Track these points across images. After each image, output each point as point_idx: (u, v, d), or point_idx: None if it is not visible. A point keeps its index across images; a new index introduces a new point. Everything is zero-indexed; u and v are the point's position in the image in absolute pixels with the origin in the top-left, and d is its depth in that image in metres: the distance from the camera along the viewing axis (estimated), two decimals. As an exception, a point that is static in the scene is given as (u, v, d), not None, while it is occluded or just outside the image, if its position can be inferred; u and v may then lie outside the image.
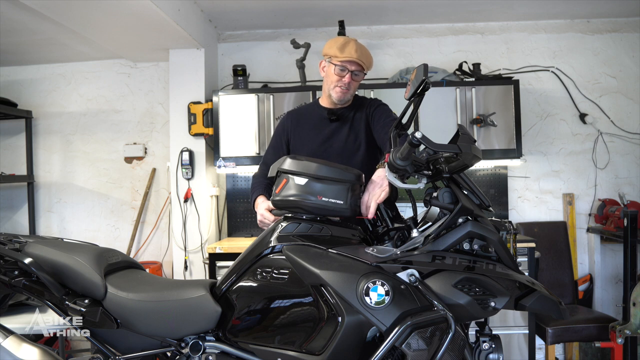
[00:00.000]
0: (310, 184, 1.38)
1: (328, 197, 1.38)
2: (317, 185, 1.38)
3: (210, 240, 3.56)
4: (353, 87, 1.99)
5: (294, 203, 1.40)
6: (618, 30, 3.69)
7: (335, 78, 1.96)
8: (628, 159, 3.67)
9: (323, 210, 1.39)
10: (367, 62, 1.96)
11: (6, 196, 4.03)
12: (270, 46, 3.84)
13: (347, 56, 1.91)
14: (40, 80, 4.04)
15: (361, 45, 1.96)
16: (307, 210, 1.41)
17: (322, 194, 1.38)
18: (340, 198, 1.38)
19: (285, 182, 1.41)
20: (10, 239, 1.58)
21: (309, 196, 1.38)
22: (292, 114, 2.16)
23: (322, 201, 1.38)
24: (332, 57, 1.95)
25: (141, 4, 2.66)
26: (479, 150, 1.33)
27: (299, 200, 1.38)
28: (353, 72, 1.94)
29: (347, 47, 1.92)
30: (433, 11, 3.51)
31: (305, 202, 1.38)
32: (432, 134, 1.31)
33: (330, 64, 1.97)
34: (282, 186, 1.42)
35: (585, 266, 3.66)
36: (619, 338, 2.65)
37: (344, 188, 1.39)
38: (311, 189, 1.38)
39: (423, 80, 1.31)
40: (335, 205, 1.38)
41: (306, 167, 1.40)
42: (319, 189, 1.38)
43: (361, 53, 1.92)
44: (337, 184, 1.39)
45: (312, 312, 1.33)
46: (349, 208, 1.40)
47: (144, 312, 1.45)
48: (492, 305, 1.25)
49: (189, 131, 3.51)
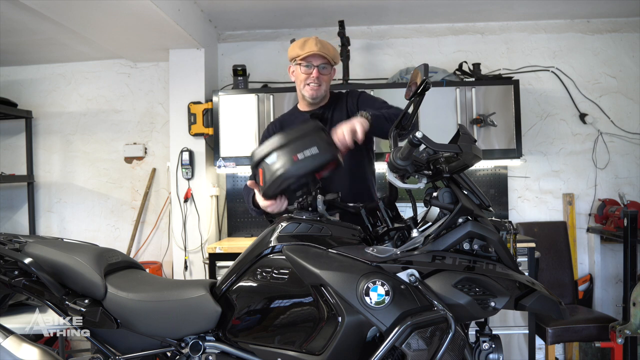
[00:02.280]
0: (280, 155, 1.40)
1: (301, 152, 1.39)
2: (285, 151, 1.40)
3: (210, 240, 3.56)
4: (324, 81, 1.99)
5: (280, 180, 1.40)
6: (618, 30, 3.69)
7: (304, 77, 1.97)
8: (628, 159, 3.67)
9: (306, 166, 1.40)
10: (331, 54, 1.96)
11: (6, 196, 4.03)
12: (270, 46, 3.84)
13: (308, 51, 1.92)
14: (40, 80, 4.04)
15: (322, 40, 1.97)
16: (295, 177, 1.41)
17: (294, 154, 1.39)
18: (311, 147, 1.40)
19: (262, 171, 1.43)
20: (10, 239, 1.58)
21: (286, 165, 1.39)
22: (275, 123, 2.17)
23: (299, 160, 1.38)
24: (296, 57, 1.97)
25: (141, 4, 2.66)
26: (479, 150, 1.33)
27: (281, 174, 1.39)
28: (319, 66, 1.95)
29: (307, 43, 1.94)
30: (433, 11, 3.51)
31: (288, 172, 1.39)
32: (432, 134, 1.31)
33: (296, 65, 1.99)
34: (262, 176, 1.44)
35: (585, 266, 3.66)
36: (619, 338, 2.65)
37: (308, 138, 1.41)
38: (283, 158, 1.40)
39: (423, 80, 1.31)
40: (313, 156, 1.39)
41: (268, 146, 1.42)
42: (289, 152, 1.39)
43: (322, 46, 1.94)
44: (301, 139, 1.41)
45: (312, 312, 1.33)
46: (326, 150, 1.41)
47: (144, 312, 1.45)
48: (492, 305, 1.25)
49: (189, 131, 3.51)
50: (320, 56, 1.93)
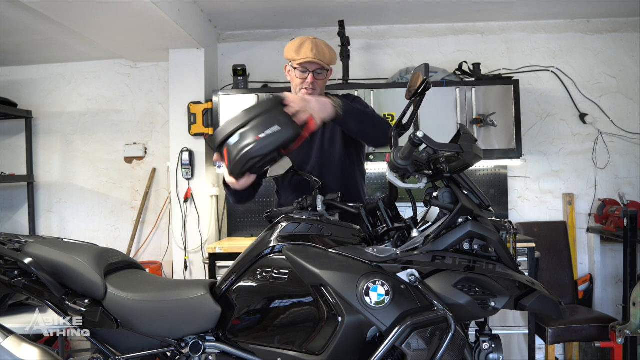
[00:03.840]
0: (242, 134, 1.41)
1: (263, 132, 1.40)
2: (247, 130, 1.41)
3: (210, 240, 3.56)
4: (319, 86, 1.97)
5: (244, 159, 1.42)
6: (618, 30, 3.69)
7: (299, 81, 1.96)
8: (628, 159, 3.67)
9: (269, 144, 1.41)
10: (327, 59, 1.93)
11: (6, 196, 4.03)
12: (270, 46, 3.84)
13: (303, 57, 1.90)
14: (40, 80, 4.04)
15: (318, 43, 1.93)
16: (259, 156, 1.42)
17: (256, 134, 1.40)
18: (272, 125, 1.40)
19: (226, 150, 1.44)
20: (10, 239, 1.57)
21: (249, 145, 1.40)
22: None
23: (262, 138, 1.39)
24: (291, 60, 1.95)
25: (141, 4, 2.66)
26: (480, 149, 1.33)
27: (244, 153, 1.41)
28: (314, 71, 1.93)
29: (302, 48, 1.91)
30: (433, 11, 3.51)
31: (251, 150, 1.40)
32: (432, 134, 1.31)
33: (291, 67, 1.97)
34: (226, 156, 1.45)
35: (585, 266, 3.66)
36: (619, 338, 2.65)
37: (269, 115, 1.42)
38: (246, 137, 1.40)
39: (424, 80, 1.31)
40: (276, 134, 1.40)
41: (228, 126, 1.43)
42: (251, 132, 1.40)
43: (317, 52, 1.90)
44: (262, 116, 1.42)
45: (312, 312, 1.33)
46: (290, 129, 1.42)
47: (144, 312, 1.45)
48: (492, 305, 1.25)
49: (189, 131, 3.51)
50: (315, 62, 1.91)
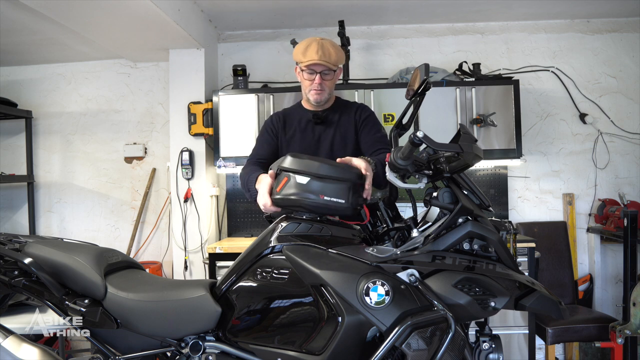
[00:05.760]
0: (312, 182, 1.37)
1: (330, 196, 1.37)
2: (319, 184, 1.37)
3: (210, 240, 3.56)
4: (327, 86, 1.99)
5: (295, 202, 1.39)
6: (618, 30, 3.69)
7: (307, 82, 1.98)
8: (628, 159, 3.67)
9: (324, 209, 1.39)
10: (333, 60, 1.94)
11: (6, 196, 4.03)
12: (270, 46, 3.84)
13: (309, 59, 1.91)
14: (40, 80, 4.04)
15: (324, 44, 1.94)
16: (309, 209, 1.40)
17: (323, 193, 1.37)
18: (341, 197, 1.37)
19: (287, 180, 1.40)
20: (10, 239, 1.58)
21: (310, 195, 1.37)
22: (278, 115, 2.14)
23: (324, 200, 1.36)
24: (299, 62, 1.97)
25: (141, 4, 2.66)
26: (480, 149, 1.33)
27: (300, 199, 1.38)
28: (322, 73, 1.95)
29: (308, 50, 1.92)
30: (433, 11, 3.51)
31: (307, 201, 1.37)
32: (432, 134, 1.31)
33: (300, 69, 1.99)
34: (283, 184, 1.41)
35: (585, 266, 3.66)
36: (619, 338, 2.65)
37: (345, 187, 1.38)
38: (313, 187, 1.37)
39: (424, 80, 1.31)
40: (336, 205, 1.37)
41: (308, 166, 1.39)
42: (321, 187, 1.37)
43: (323, 53, 1.91)
44: (339, 183, 1.38)
45: (312, 312, 1.33)
46: (350, 207, 1.39)
47: (144, 312, 1.45)
48: (492, 305, 1.25)
49: (189, 131, 3.51)
50: (321, 64, 1.92)
